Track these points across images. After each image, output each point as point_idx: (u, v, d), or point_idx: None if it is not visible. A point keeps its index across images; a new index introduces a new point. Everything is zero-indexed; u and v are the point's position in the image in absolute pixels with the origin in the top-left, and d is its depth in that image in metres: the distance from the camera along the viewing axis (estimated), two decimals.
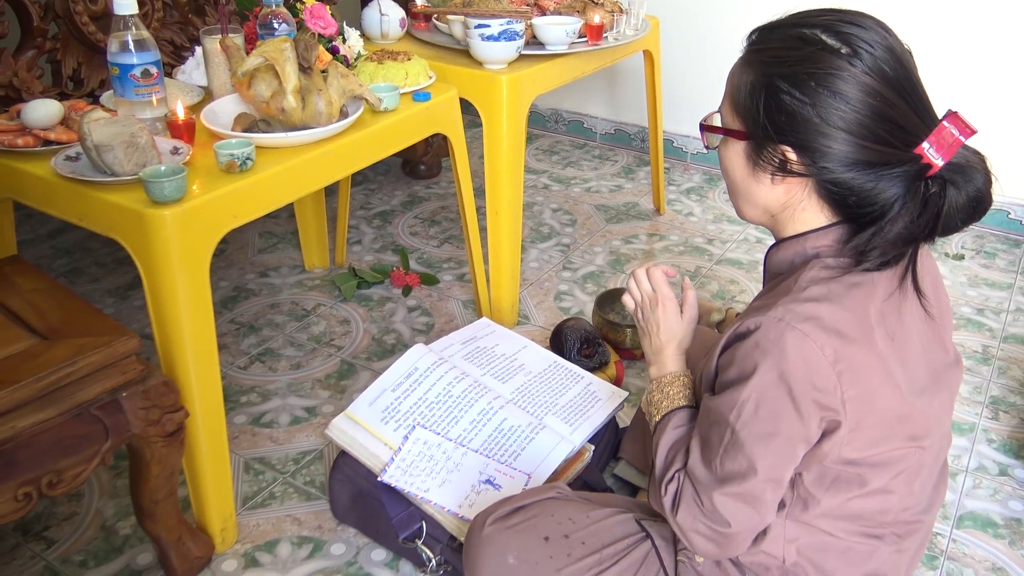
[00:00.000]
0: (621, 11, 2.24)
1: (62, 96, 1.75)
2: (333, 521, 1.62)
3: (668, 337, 1.19)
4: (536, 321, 2.27)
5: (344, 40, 1.84)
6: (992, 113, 2.67)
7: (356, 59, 1.85)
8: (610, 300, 2.18)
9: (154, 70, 1.47)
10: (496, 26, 1.89)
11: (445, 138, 1.89)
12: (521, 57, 2.00)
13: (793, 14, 0.99)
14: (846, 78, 0.91)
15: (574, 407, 1.67)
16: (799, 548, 1.03)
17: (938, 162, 0.92)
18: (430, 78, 1.84)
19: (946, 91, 2.70)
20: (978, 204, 0.94)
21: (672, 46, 2.94)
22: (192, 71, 1.76)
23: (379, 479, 1.48)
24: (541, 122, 3.59)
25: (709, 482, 0.99)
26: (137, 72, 1.45)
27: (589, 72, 2.24)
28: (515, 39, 1.91)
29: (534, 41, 2.06)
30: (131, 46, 1.44)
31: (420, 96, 1.76)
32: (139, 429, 1.28)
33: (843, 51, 0.92)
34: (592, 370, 1.87)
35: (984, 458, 1.83)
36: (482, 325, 1.88)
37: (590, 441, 1.63)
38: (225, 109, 1.59)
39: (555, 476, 1.53)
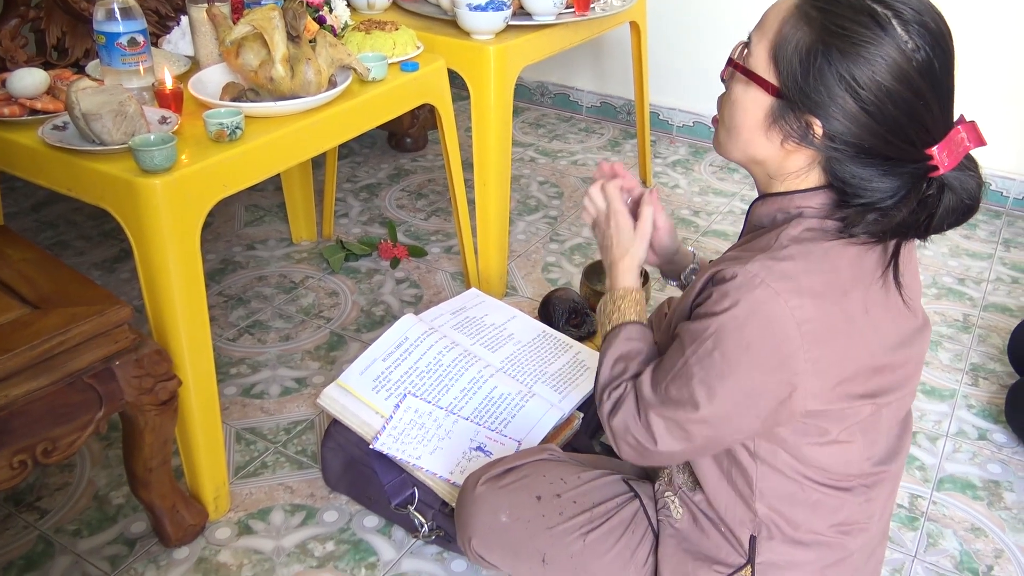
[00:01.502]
0: None
1: (46, 66, 1.73)
2: (325, 489, 1.64)
3: (621, 252, 1.20)
4: (524, 292, 2.29)
5: (331, 10, 1.83)
6: (974, 86, 2.70)
7: (343, 29, 1.84)
8: (597, 271, 2.20)
9: (141, 39, 1.46)
10: None
11: (431, 111, 1.89)
12: (508, 27, 1.99)
13: None
14: (900, 72, 0.89)
15: (563, 375, 1.69)
16: (769, 497, 1.06)
17: (944, 166, 0.92)
18: (418, 48, 1.84)
19: None
20: (968, 210, 0.96)
21: (659, 18, 2.93)
22: (178, 40, 1.75)
23: (371, 447, 1.50)
24: (527, 95, 3.59)
25: (651, 400, 1.03)
26: (124, 41, 1.44)
27: (576, 43, 2.23)
28: (502, 9, 1.91)
29: (521, 11, 2.06)
30: (117, 14, 1.43)
31: (408, 66, 1.76)
32: (132, 397, 1.29)
33: (909, 46, 0.89)
34: (580, 339, 1.89)
35: (964, 423, 1.87)
36: (471, 295, 1.90)
37: (579, 409, 1.65)
38: (213, 78, 1.58)
39: (544, 443, 1.55)
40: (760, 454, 1.04)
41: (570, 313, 1.95)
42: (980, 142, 0.93)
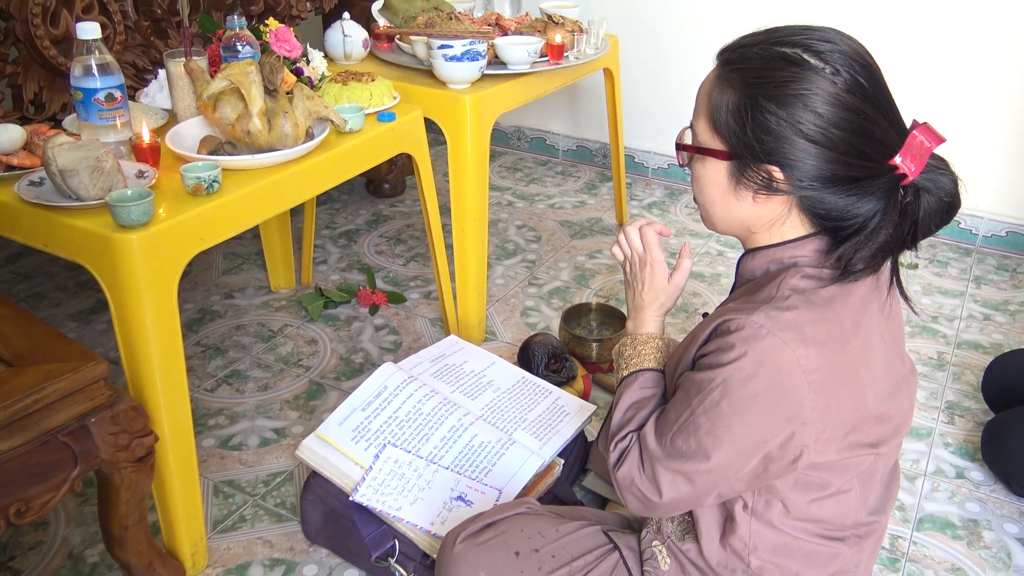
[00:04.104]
0: (581, 31, 2.28)
1: (23, 120, 1.73)
2: (305, 542, 1.62)
3: (652, 298, 1.21)
4: (503, 337, 2.29)
5: (308, 62, 1.85)
6: (943, 124, 2.76)
7: (320, 80, 1.86)
8: (576, 315, 2.21)
9: (118, 94, 1.47)
10: (459, 47, 1.92)
11: (409, 157, 1.91)
12: (484, 76, 2.02)
13: (767, 31, 0.99)
14: (828, 97, 0.92)
15: (543, 422, 1.69)
16: (764, 551, 1.06)
17: (911, 172, 0.94)
18: (394, 98, 1.86)
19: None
20: (950, 207, 0.98)
21: (632, 64, 2.99)
22: (156, 94, 1.76)
23: (351, 499, 1.48)
24: (504, 139, 3.63)
25: (656, 453, 1.03)
26: (101, 96, 1.45)
27: (551, 90, 2.27)
28: (478, 59, 1.94)
29: (496, 61, 2.09)
30: (94, 70, 1.44)
31: (385, 116, 1.78)
32: (108, 455, 1.28)
33: (826, 71, 0.93)
34: (560, 385, 1.89)
35: (942, 462, 1.88)
36: (450, 342, 1.90)
37: (560, 455, 1.65)
38: (190, 132, 1.59)
39: (526, 491, 1.55)
40: (757, 510, 1.05)
41: (549, 358, 1.95)
42: (939, 140, 0.95)
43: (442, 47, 1.92)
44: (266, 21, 1.80)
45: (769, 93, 0.94)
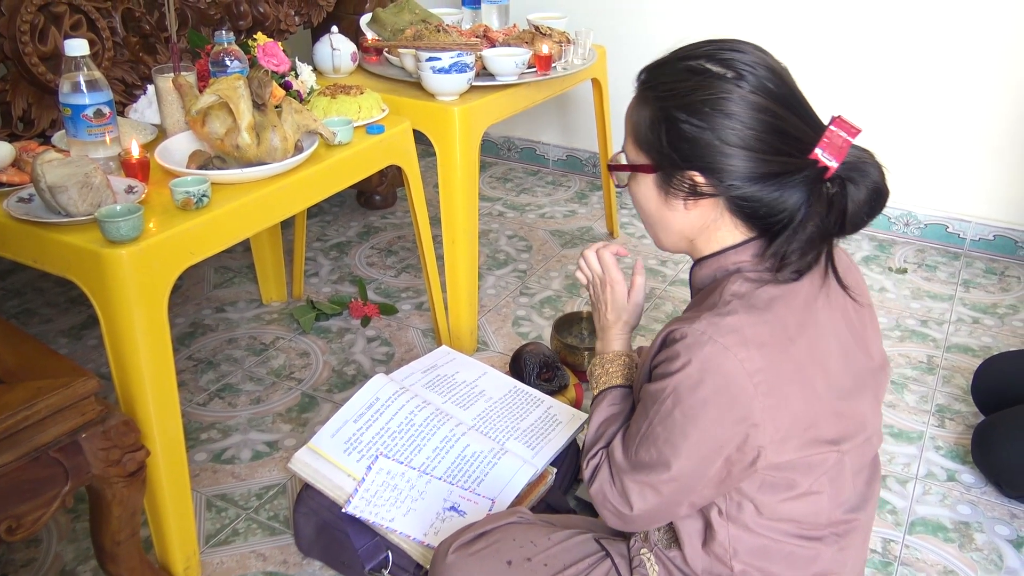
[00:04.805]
0: (569, 41, 2.29)
1: (12, 137, 1.74)
2: (298, 555, 1.62)
3: (615, 317, 1.26)
4: (495, 347, 2.30)
5: (297, 75, 1.86)
6: (931, 132, 2.79)
7: (309, 94, 1.87)
8: (568, 324, 2.22)
9: (107, 110, 1.47)
10: (447, 59, 1.93)
11: (399, 169, 1.92)
12: (472, 88, 2.03)
13: (676, 49, 1.05)
14: (735, 99, 0.98)
15: (535, 431, 1.69)
16: (744, 554, 1.07)
17: (832, 164, 0.98)
18: (383, 111, 1.87)
19: (885, 114, 2.81)
20: (877, 196, 1.01)
21: (619, 74, 3.00)
22: (144, 109, 1.76)
23: (344, 510, 1.49)
24: (494, 150, 3.64)
25: (623, 466, 1.07)
26: (90, 112, 1.46)
27: (539, 101, 2.28)
28: (466, 71, 1.95)
29: (484, 72, 2.10)
30: (83, 86, 1.44)
31: (374, 129, 1.79)
32: (100, 470, 1.27)
33: (728, 75, 0.98)
34: (552, 394, 1.90)
35: (932, 465, 1.89)
36: (442, 353, 1.90)
37: (552, 464, 1.65)
38: (179, 147, 1.60)
39: (519, 500, 1.55)
40: (731, 514, 1.06)
41: (541, 367, 1.96)
42: (855, 131, 0.99)
43: (430, 59, 1.93)
44: (254, 36, 1.81)
45: (679, 104, 1.00)
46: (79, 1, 1.82)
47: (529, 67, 2.15)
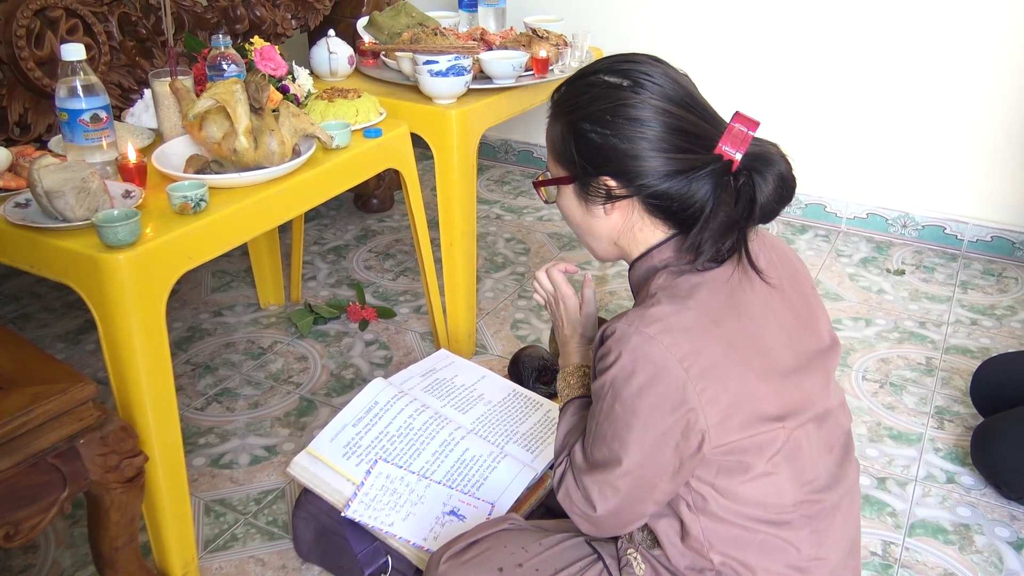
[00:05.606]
0: (566, 44, 2.29)
1: (8, 142, 1.74)
2: (297, 560, 1.61)
3: (571, 331, 1.30)
4: (494, 350, 2.29)
5: (294, 79, 1.86)
6: (928, 134, 2.79)
7: (306, 98, 1.87)
8: None
9: (103, 114, 1.47)
10: (444, 62, 1.93)
11: (397, 172, 1.92)
12: (469, 91, 2.03)
13: (580, 68, 1.12)
14: (635, 104, 1.03)
15: (534, 435, 1.69)
16: (720, 545, 1.07)
17: (736, 156, 1.02)
18: (380, 114, 1.87)
19: (870, 120, 2.81)
20: (784, 185, 1.05)
21: None
22: (141, 113, 1.76)
23: (343, 515, 1.48)
24: (491, 153, 3.64)
25: (582, 467, 1.10)
26: (86, 117, 1.45)
27: (537, 104, 2.28)
28: (463, 74, 1.95)
29: (482, 75, 2.10)
30: (80, 91, 1.44)
31: (371, 132, 1.79)
32: (98, 476, 1.27)
33: (625, 84, 1.05)
34: (551, 397, 1.89)
35: (932, 467, 1.89)
36: (440, 356, 1.90)
37: (551, 467, 1.65)
38: (176, 151, 1.59)
39: (519, 503, 1.55)
40: (697, 505, 1.07)
41: (539, 371, 1.95)
42: (754, 124, 1.03)
43: (427, 63, 1.93)
44: (251, 39, 1.80)
45: (583, 115, 1.06)
46: (75, 6, 1.82)
47: (526, 70, 2.15)
